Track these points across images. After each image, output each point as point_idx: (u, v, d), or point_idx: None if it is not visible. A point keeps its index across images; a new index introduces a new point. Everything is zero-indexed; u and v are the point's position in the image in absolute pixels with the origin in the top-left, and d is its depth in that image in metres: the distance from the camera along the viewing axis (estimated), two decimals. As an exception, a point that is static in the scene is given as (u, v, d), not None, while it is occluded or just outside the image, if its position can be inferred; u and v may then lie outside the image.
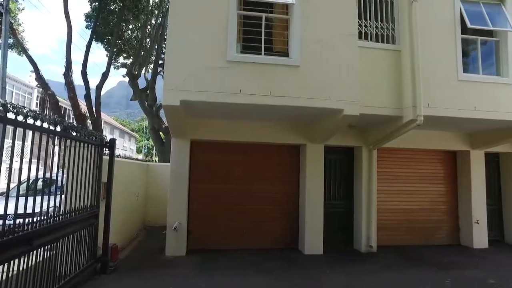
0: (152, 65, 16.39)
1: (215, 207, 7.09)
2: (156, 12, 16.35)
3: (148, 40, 16.68)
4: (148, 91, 15.71)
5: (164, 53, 13.52)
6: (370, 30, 6.29)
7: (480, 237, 7.66)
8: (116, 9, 14.98)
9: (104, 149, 5.47)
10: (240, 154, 7.28)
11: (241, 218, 7.14)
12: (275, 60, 5.45)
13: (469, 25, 6.14)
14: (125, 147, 47.22)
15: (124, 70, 17.53)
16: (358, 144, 7.36)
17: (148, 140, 47.93)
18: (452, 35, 6.24)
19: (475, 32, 6.43)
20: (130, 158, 9.87)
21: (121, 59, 18.10)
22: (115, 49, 15.77)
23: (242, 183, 7.23)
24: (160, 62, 15.62)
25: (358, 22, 6.07)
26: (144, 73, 16.83)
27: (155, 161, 16.61)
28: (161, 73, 14.98)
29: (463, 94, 6.12)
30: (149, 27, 16.45)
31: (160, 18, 16.14)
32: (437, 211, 8.05)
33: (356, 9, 5.89)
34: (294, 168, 7.41)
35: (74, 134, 4.35)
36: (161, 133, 15.74)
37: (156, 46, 16.14)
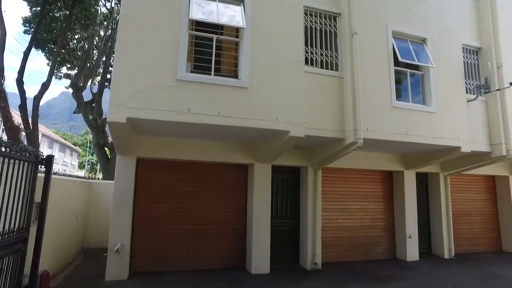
0: (99, 77, 15.62)
1: (161, 227, 6.84)
2: (105, 23, 15.77)
3: (95, 51, 15.94)
4: (93, 104, 14.87)
5: (112, 66, 13.01)
6: (316, 57, 6.75)
7: (412, 251, 8.32)
8: (61, 17, 14.16)
9: (40, 166, 5.05)
10: (188, 172, 7.17)
11: (188, 238, 6.97)
12: (224, 81, 5.56)
13: (400, 58, 6.91)
14: (66, 163, 43.80)
15: (67, 81, 16.47)
16: (304, 164, 7.67)
17: (92, 155, 44.85)
18: (387, 66, 6.94)
19: (405, 65, 7.21)
20: (70, 175, 9.18)
21: (64, 69, 16.99)
22: (58, 59, 14.79)
23: (189, 202, 7.10)
24: (108, 76, 14.95)
25: (305, 48, 6.50)
26: (90, 85, 15.95)
27: (99, 178, 15.58)
28: (109, 86, 14.34)
29: (397, 120, 6.77)
30: (97, 38, 15.77)
31: (110, 30, 15.59)
32: (376, 228, 8.61)
33: (303, 37, 6.28)
34: (242, 187, 7.46)
35: (3, 150, 3.98)
36: (106, 148, 14.86)
37: (104, 58, 15.47)
